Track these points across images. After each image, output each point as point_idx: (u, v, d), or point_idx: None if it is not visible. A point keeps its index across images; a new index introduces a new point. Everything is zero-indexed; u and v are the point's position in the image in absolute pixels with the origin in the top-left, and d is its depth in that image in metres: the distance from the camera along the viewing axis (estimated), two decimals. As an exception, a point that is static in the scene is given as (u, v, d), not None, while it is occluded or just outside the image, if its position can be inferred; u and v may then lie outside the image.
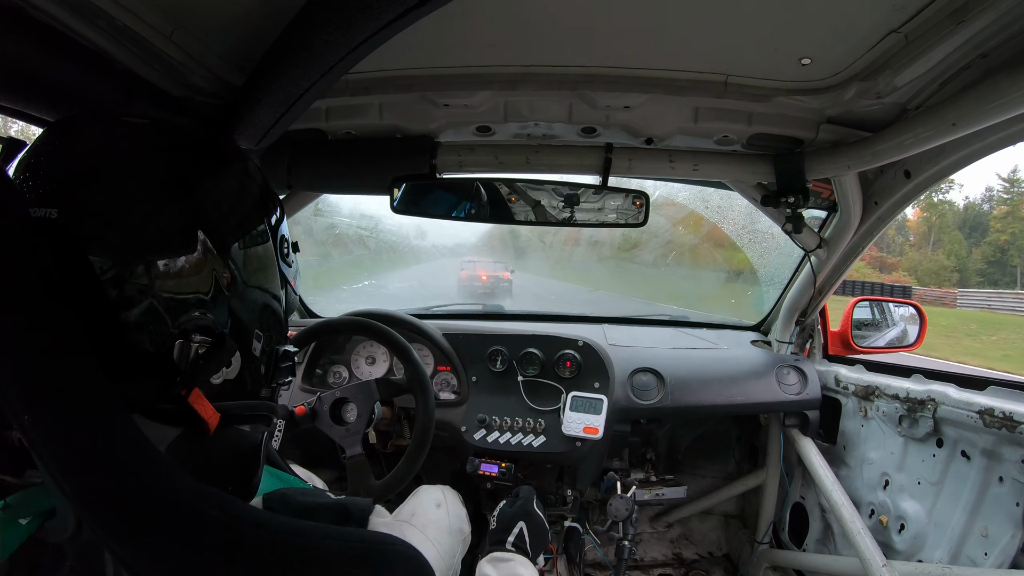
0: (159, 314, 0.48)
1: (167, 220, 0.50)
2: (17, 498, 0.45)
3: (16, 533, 0.44)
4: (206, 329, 0.51)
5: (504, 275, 9.15)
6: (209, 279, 0.52)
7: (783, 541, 1.88)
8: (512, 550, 1.03)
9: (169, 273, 0.49)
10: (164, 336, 0.49)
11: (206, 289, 0.51)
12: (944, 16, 0.73)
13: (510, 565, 0.97)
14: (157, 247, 0.49)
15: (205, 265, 0.51)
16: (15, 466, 0.47)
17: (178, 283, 0.49)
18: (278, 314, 0.62)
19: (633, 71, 0.97)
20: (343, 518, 0.53)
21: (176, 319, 0.49)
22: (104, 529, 0.40)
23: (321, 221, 4.11)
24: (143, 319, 0.47)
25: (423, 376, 1.40)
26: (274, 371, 0.62)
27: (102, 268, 0.46)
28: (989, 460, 1.16)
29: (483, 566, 0.97)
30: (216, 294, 0.52)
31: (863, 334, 1.80)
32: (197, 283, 0.51)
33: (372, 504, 0.57)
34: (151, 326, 0.48)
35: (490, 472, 1.58)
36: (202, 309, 0.51)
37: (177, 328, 0.49)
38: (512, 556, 0.99)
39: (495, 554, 0.99)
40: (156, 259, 0.48)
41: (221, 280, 0.53)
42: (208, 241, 0.52)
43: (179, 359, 0.49)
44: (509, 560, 0.98)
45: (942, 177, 1.15)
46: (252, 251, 0.57)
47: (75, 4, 0.59)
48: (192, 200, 0.51)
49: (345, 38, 0.56)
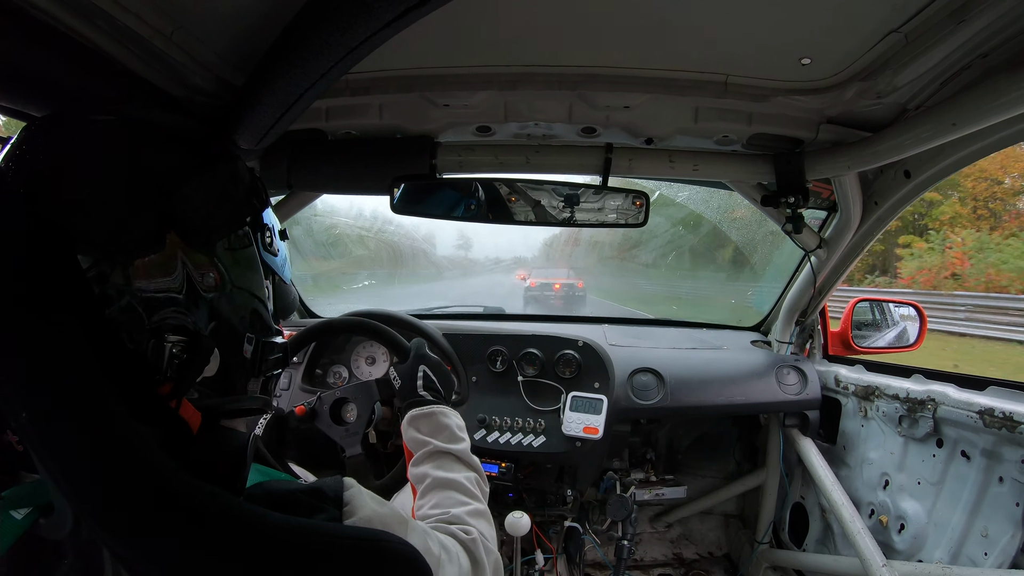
0: (137, 313, 0.48)
1: (142, 218, 0.50)
2: (14, 491, 0.45)
3: (11, 526, 0.44)
4: (182, 328, 0.51)
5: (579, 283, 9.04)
6: (184, 277, 0.51)
7: (783, 541, 1.88)
8: (425, 395, 1.01)
9: (144, 271, 0.49)
10: (141, 335, 0.48)
11: (180, 287, 0.51)
12: (944, 16, 0.73)
13: (433, 418, 0.93)
14: (132, 245, 0.49)
15: (179, 262, 0.51)
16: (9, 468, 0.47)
17: (153, 281, 0.49)
18: (259, 309, 0.61)
19: (633, 71, 0.97)
20: (319, 498, 0.53)
21: (152, 317, 0.49)
22: (102, 527, 0.40)
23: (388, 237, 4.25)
24: (121, 317, 0.47)
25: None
26: (261, 363, 0.61)
27: (85, 267, 0.46)
28: (989, 460, 1.16)
29: (406, 428, 0.93)
30: (192, 291, 0.52)
31: (863, 334, 1.80)
32: (172, 281, 0.51)
33: (341, 479, 0.56)
34: (129, 325, 0.48)
35: (490, 472, 1.58)
36: (178, 308, 0.51)
37: (153, 326, 0.49)
38: (431, 408, 0.95)
39: (412, 412, 0.95)
40: (131, 257, 0.48)
41: (197, 277, 0.52)
42: (183, 238, 0.51)
43: (155, 358, 0.49)
44: (430, 414, 0.94)
45: (942, 177, 1.15)
46: (230, 247, 0.57)
47: (75, 4, 0.59)
48: (166, 197, 0.51)
49: (345, 38, 0.56)
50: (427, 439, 0.89)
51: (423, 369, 1.06)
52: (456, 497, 0.80)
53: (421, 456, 0.88)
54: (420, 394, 1.01)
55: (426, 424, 0.93)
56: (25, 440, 0.41)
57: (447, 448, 0.88)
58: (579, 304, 9.00)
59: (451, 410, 0.98)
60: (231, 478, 0.55)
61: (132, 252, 0.49)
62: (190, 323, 0.51)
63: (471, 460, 0.89)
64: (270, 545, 0.44)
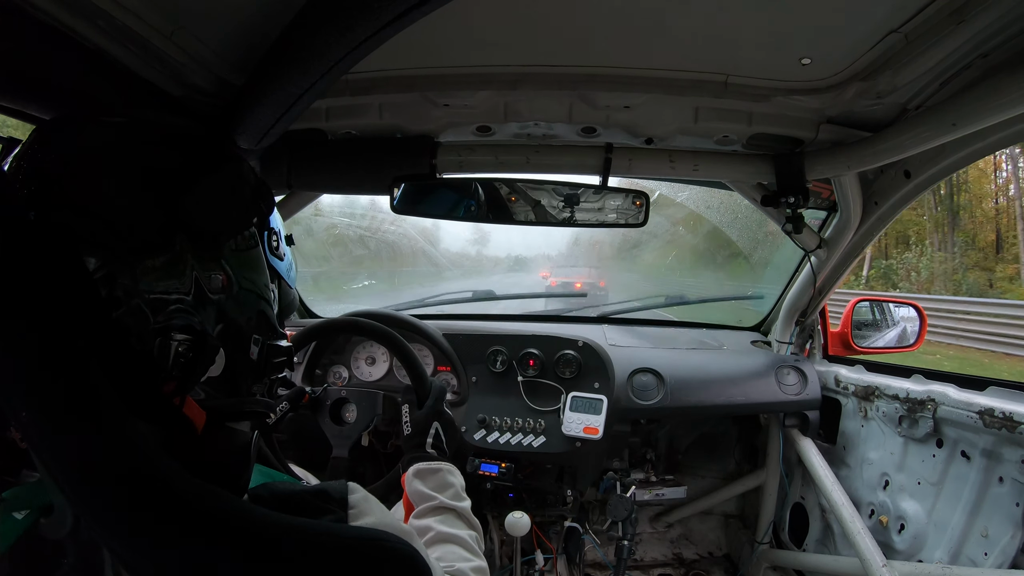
0: (143, 314, 0.48)
1: (150, 219, 0.50)
2: (13, 493, 0.45)
3: (12, 527, 0.44)
4: (188, 328, 0.50)
5: (600, 282, 9.25)
6: (192, 278, 0.51)
7: (783, 541, 1.88)
8: (433, 452, 1.03)
9: (152, 272, 0.49)
10: (147, 335, 0.48)
11: (187, 289, 0.51)
12: (944, 16, 0.73)
13: (439, 475, 0.96)
14: (139, 246, 0.49)
15: (187, 264, 0.51)
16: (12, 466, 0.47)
17: (160, 283, 0.49)
18: (265, 311, 0.61)
19: (633, 71, 0.97)
20: (324, 499, 0.53)
21: (158, 318, 0.49)
22: (102, 527, 0.40)
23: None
24: (128, 318, 0.47)
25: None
26: (266, 365, 0.61)
27: (91, 267, 0.46)
28: (989, 460, 1.16)
29: (411, 479, 0.95)
30: (199, 293, 0.52)
31: (863, 334, 1.80)
32: (179, 283, 0.51)
33: (346, 483, 0.57)
34: (136, 326, 0.48)
35: (490, 472, 1.58)
36: (184, 308, 0.51)
37: (159, 327, 0.49)
38: (439, 465, 0.98)
39: (419, 465, 0.97)
40: (139, 258, 0.48)
41: (204, 279, 0.52)
42: (191, 240, 0.52)
43: (161, 358, 0.49)
44: (437, 470, 0.97)
45: (942, 177, 1.15)
46: (237, 248, 0.57)
47: (75, 4, 0.59)
48: (175, 199, 0.51)
49: (345, 38, 0.56)
50: (433, 494, 0.92)
51: (436, 427, 1.08)
52: (460, 552, 0.83)
53: (425, 509, 0.91)
54: (428, 451, 1.04)
55: (433, 480, 0.96)
56: (26, 439, 0.41)
57: (452, 505, 0.91)
58: (600, 304, 9.21)
59: (455, 469, 1.01)
60: (234, 478, 0.55)
61: (140, 253, 0.49)
62: (196, 323, 0.51)
63: (473, 520, 0.92)
64: (273, 544, 0.44)
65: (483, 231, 9.29)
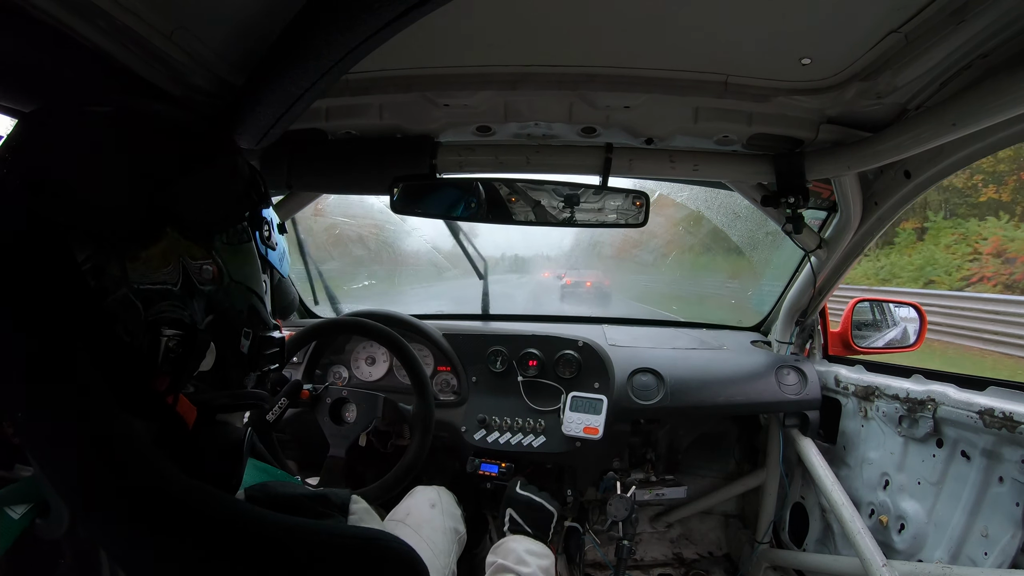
0: (133, 306, 0.48)
1: (138, 210, 0.49)
2: (8, 490, 0.45)
3: (10, 526, 0.44)
4: (178, 322, 0.50)
5: (606, 281, 9.61)
6: (181, 270, 0.51)
7: (783, 541, 1.88)
8: (508, 535, 1.14)
9: (141, 264, 0.48)
10: (138, 329, 0.48)
11: (176, 281, 0.51)
12: (944, 16, 0.73)
13: (504, 544, 1.09)
14: (128, 237, 0.48)
15: (176, 256, 0.51)
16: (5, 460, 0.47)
17: (150, 274, 0.49)
18: (256, 304, 0.61)
19: (633, 71, 0.97)
20: (325, 505, 0.53)
21: (149, 311, 0.49)
22: (98, 526, 0.40)
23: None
24: (117, 310, 0.47)
25: (428, 409, 1.42)
26: (257, 358, 0.61)
27: (79, 259, 0.46)
28: (989, 460, 1.16)
29: (488, 556, 1.08)
30: (189, 285, 0.52)
31: (863, 334, 1.80)
32: (169, 274, 0.50)
33: (350, 493, 0.57)
34: (126, 318, 0.47)
35: (490, 472, 1.58)
36: (174, 301, 0.50)
37: (149, 320, 0.49)
38: (506, 537, 1.12)
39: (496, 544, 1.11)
40: (128, 249, 0.48)
41: (194, 271, 0.52)
42: (181, 231, 0.51)
43: (151, 352, 0.49)
44: (504, 542, 1.10)
45: (942, 177, 1.15)
46: (229, 241, 0.57)
47: (75, 4, 0.59)
48: (165, 190, 0.51)
49: (345, 38, 0.56)
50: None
51: (510, 512, 1.23)
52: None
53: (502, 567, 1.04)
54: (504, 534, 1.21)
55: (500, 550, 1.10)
56: (21, 436, 0.41)
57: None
58: (605, 299, 9.57)
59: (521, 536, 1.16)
60: (228, 474, 0.54)
61: (128, 244, 0.48)
62: (186, 317, 0.51)
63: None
64: (268, 544, 0.44)
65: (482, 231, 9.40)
